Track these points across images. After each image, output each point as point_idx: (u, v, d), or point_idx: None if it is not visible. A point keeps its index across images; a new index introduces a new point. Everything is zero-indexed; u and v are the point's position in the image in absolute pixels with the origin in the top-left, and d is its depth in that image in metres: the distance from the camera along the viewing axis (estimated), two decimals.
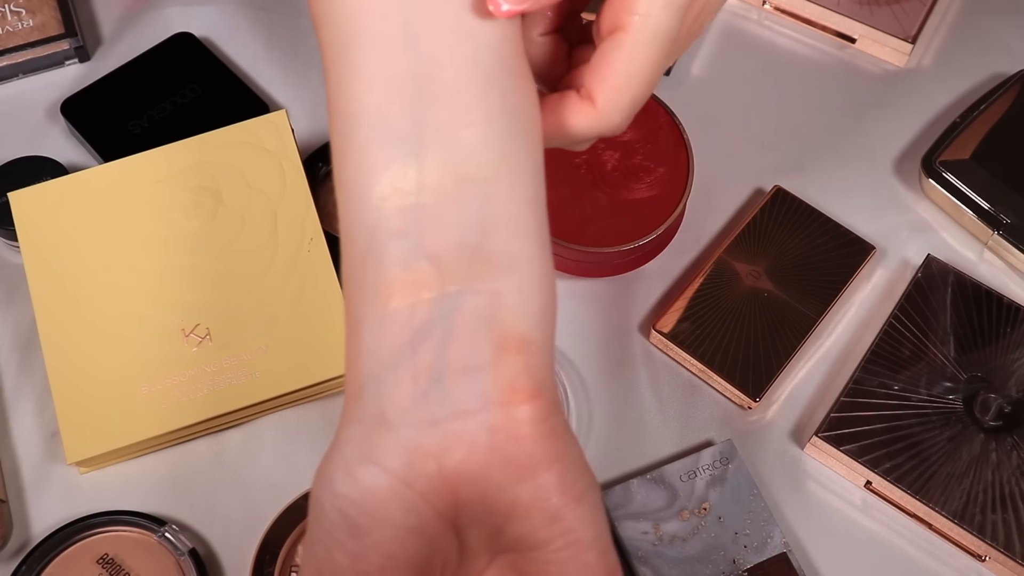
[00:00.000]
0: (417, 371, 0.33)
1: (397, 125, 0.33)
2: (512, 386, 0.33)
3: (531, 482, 0.33)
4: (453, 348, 0.33)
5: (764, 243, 0.59)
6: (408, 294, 0.33)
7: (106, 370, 0.53)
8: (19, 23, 0.66)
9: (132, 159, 0.58)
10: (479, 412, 0.33)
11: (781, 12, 0.69)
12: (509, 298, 0.33)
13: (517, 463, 0.33)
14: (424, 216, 0.33)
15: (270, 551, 0.50)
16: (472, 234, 0.33)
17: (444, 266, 0.33)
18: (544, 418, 0.33)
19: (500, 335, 0.33)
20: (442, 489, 0.33)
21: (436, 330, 0.33)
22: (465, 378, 0.33)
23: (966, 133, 0.62)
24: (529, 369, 0.33)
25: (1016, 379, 0.55)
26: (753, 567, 0.50)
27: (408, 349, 0.33)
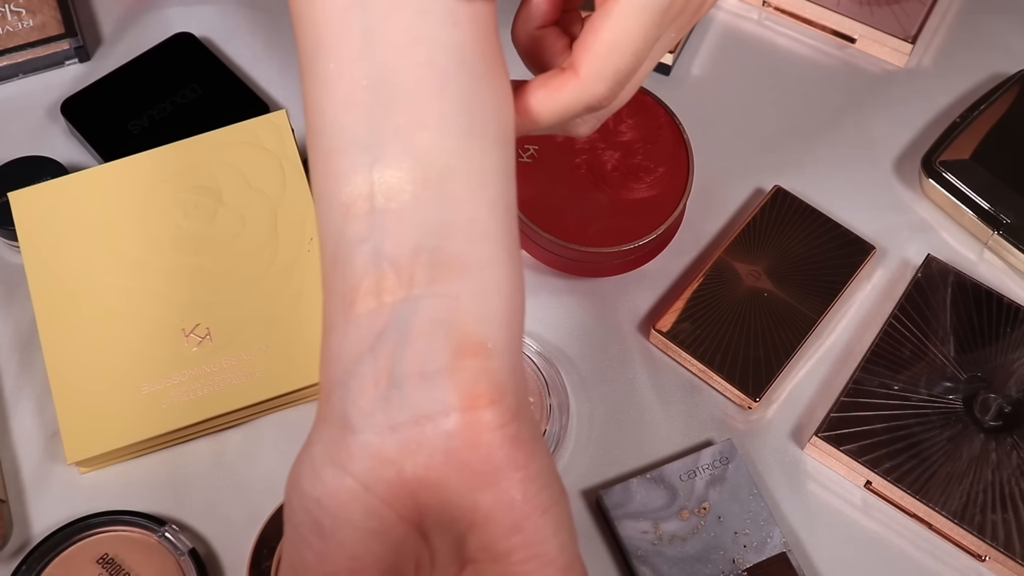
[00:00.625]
0: (378, 376, 0.33)
1: (356, 133, 0.34)
2: (470, 391, 0.33)
3: (491, 489, 0.33)
4: (410, 353, 0.33)
5: (764, 243, 0.59)
6: (370, 299, 0.33)
7: (106, 370, 0.53)
8: (19, 23, 0.66)
9: (132, 159, 0.58)
10: (436, 417, 0.33)
11: (781, 12, 0.69)
12: (467, 301, 0.33)
13: (475, 469, 0.33)
14: (383, 221, 0.33)
15: (267, 546, 0.50)
16: (431, 237, 0.33)
17: (403, 271, 0.33)
18: (504, 424, 0.33)
19: (458, 340, 0.33)
20: (402, 493, 0.33)
21: (394, 335, 0.33)
22: (423, 383, 0.33)
23: (966, 133, 0.62)
24: (489, 373, 0.33)
25: (1016, 379, 0.55)
26: (753, 567, 0.50)
27: (369, 354, 0.33)
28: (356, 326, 0.34)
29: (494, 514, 0.33)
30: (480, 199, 0.34)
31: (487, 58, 0.35)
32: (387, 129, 0.34)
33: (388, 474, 0.33)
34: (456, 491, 0.33)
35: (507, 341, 0.34)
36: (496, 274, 0.34)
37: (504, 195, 0.35)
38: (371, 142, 0.34)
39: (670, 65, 0.66)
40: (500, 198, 0.35)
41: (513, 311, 0.34)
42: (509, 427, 0.33)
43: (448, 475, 0.33)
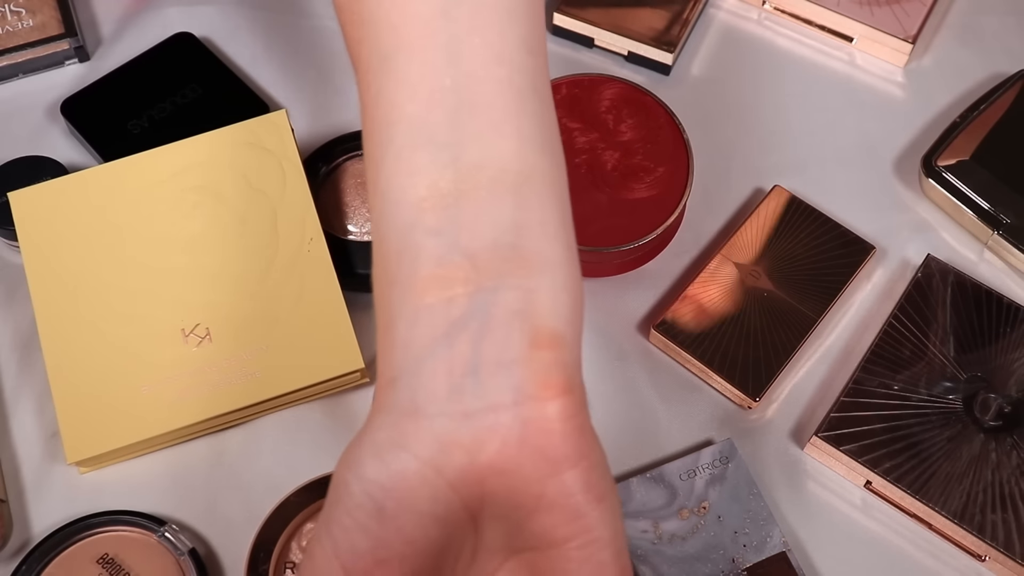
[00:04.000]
0: (452, 363, 0.34)
1: (437, 131, 0.35)
2: (545, 381, 0.34)
3: (558, 477, 0.34)
4: (488, 341, 0.34)
5: (764, 243, 0.59)
6: (444, 288, 0.34)
7: (106, 370, 0.53)
8: (19, 23, 0.66)
9: (132, 159, 0.58)
10: (513, 405, 0.33)
11: (781, 12, 0.70)
12: (542, 296, 0.34)
13: (547, 457, 0.34)
14: (460, 216, 0.35)
15: (264, 548, 0.50)
16: (507, 234, 0.34)
17: (480, 263, 0.34)
18: (574, 414, 0.34)
19: (534, 331, 0.34)
20: (471, 480, 0.34)
21: (472, 323, 0.34)
22: (500, 371, 0.33)
23: (966, 133, 0.62)
24: (561, 365, 0.34)
25: (1016, 379, 0.55)
26: (752, 566, 0.50)
27: (444, 341, 0.34)
28: (429, 314, 0.34)
29: (560, 500, 0.34)
30: (549, 205, 0.36)
31: (548, 87, 0.38)
32: (468, 132, 0.35)
33: (460, 460, 0.34)
34: (526, 478, 0.34)
35: (575, 336, 0.35)
36: (565, 272, 0.35)
37: (566, 205, 0.37)
38: (452, 141, 0.35)
39: (670, 65, 0.66)
40: (564, 206, 0.36)
41: (579, 308, 0.36)
42: (578, 417, 0.34)
43: (521, 462, 0.34)
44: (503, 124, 0.36)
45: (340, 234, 0.59)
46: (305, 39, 0.68)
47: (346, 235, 0.59)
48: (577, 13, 0.67)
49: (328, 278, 0.55)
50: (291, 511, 0.51)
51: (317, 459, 0.53)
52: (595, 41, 0.68)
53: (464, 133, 0.35)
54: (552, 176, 0.36)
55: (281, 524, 0.51)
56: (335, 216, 0.59)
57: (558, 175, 0.37)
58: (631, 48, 0.66)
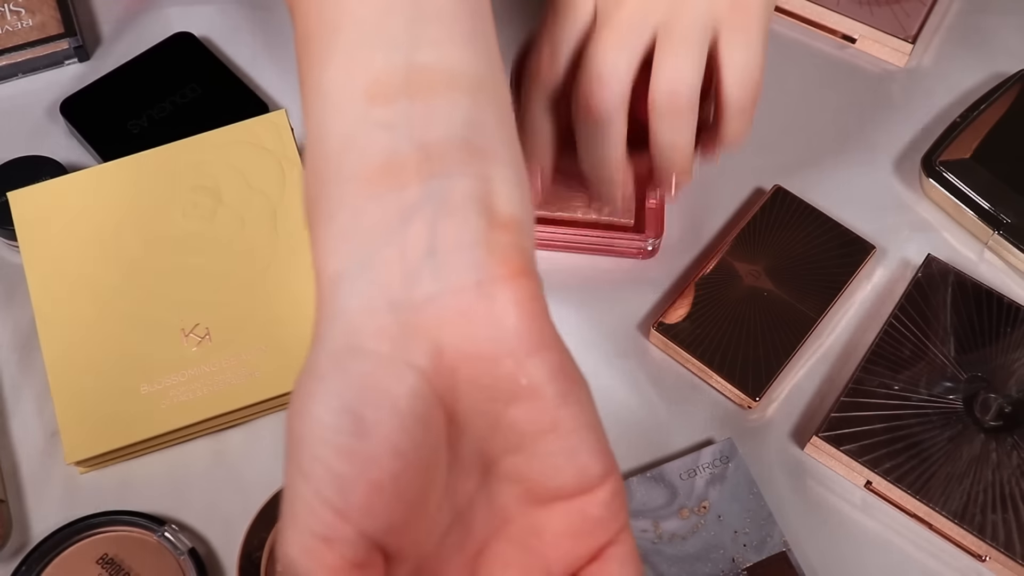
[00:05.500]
0: (406, 248, 0.32)
1: (393, 35, 0.34)
2: (506, 260, 0.32)
3: (539, 357, 0.32)
4: (446, 224, 0.32)
5: (764, 242, 0.59)
6: (395, 176, 0.33)
7: (106, 370, 0.53)
8: (19, 23, 0.66)
9: (132, 159, 0.58)
10: (475, 286, 0.32)
11: (781, 12, 0.69)
12: (498, 184, 0.33)
13: (523, 336, 0.32)
14: (413, 111, 0.33)
15: (257, 537, 0.50)
16: (462, 129, 0.33)
17: (433, 153, 0.33)
18: (538, 297, 0.33)
19: (491, 214, 0.33)
20: (444, 369, 0.32)
21: (427, 207, 0.32)
22: (459, 252, 0.32)
23: (966, 133, 0.62)
24: (521, 248, 0.33)
25: (1016, 379, 0.55)
26: (752, 566, 0.50)
27: (397, 226, 0.32)
28: (379, 202, 0.32)
29: (544, 383, 0.32)
30: (502, 111, 0.35)
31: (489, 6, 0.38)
32: (423, 37, 0.34)
33: (427, 347, 0.31)
34: (497, 362, 0.32)
35: (530, 226, 0.34)
36: (517, 169, 0.34)
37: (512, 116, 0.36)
38: (406, 44, 0.34)
39: None
40: (511, 116, 0.36)
41: (530, 205, 0.35)
42: (541, 302, 0.33)
43: (491, 345, 0.32)
44: (456, 33, 0.35)
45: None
46: None
47: None
48: None
49: None
50: None
51: None
52: None
53: (419, 37, 0.34)
54: (502, 89, 0.36)
55: (276, 513, 0.51)
56: None
57: (505, 91, 0.36)
58: None
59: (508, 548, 0.34)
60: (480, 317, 0.31)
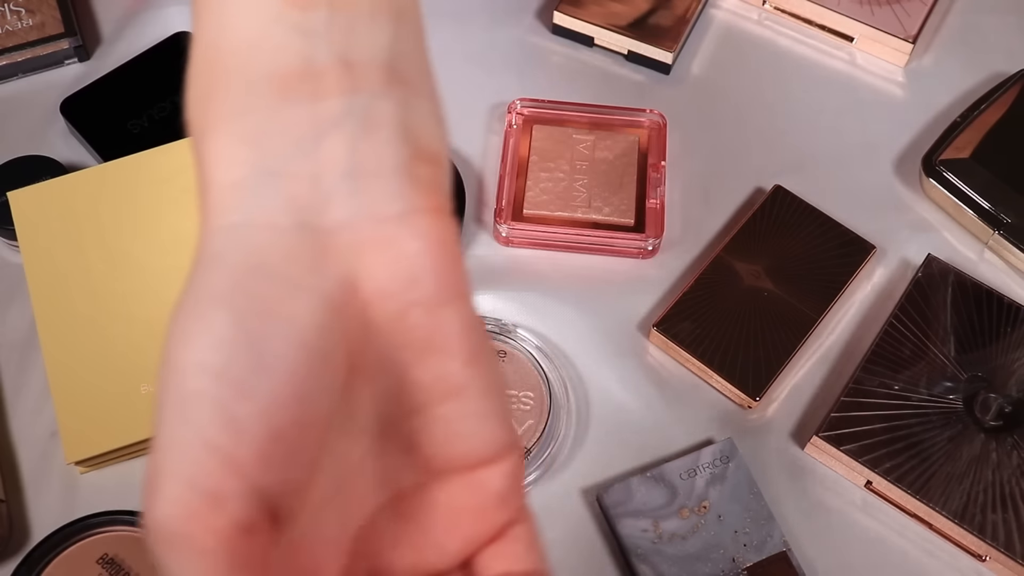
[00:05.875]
0: (321, 164, 0.28)
1: None
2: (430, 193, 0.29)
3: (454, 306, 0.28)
4: (368, 144, 0.28)
5: (764, 242, 0.59)
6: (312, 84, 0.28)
7: (106, 370, 0.53)
8: (19, 22, 0.66)
9: (132, 159, 0.58)
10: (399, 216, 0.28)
11: (781, 12, 0.69)
12: (419, 115, 0.30)
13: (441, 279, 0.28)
14: (335, 23, 0.29)
15: None
16: (384, 53, 0.30)
17: (356, 70, 0.29)
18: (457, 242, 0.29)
19: (415, 144, 0.29)
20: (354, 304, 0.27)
21: (348, 123, 0.28)
22: (381, 178, 0.28)
23: (966, 133, 0.62)
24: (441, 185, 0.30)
25: (1016, 379, 0.55)
26: (752, 566, 0.50)
27: (311, 139, 0.28)
28: (293, 109, 0.28)
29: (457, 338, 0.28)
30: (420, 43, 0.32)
31: None
32: None
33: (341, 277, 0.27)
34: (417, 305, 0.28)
35: (447, 170, 0.31)
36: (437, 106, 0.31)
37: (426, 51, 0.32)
38: None
39: (670, 64, 0.66)
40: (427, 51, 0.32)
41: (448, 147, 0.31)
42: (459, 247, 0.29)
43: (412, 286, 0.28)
44: None
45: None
46: None
47: None
48: (577, 12, 0.67)
49: None
50: None
51: None
52: (595, 40, 0.67)
53: None
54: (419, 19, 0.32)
55: None
56: None
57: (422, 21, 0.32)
58: (631, 47, 0.66)
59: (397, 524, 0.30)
60: (399, 251, 0.28)
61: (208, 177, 0.28)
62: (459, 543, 0.30)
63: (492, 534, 0.30)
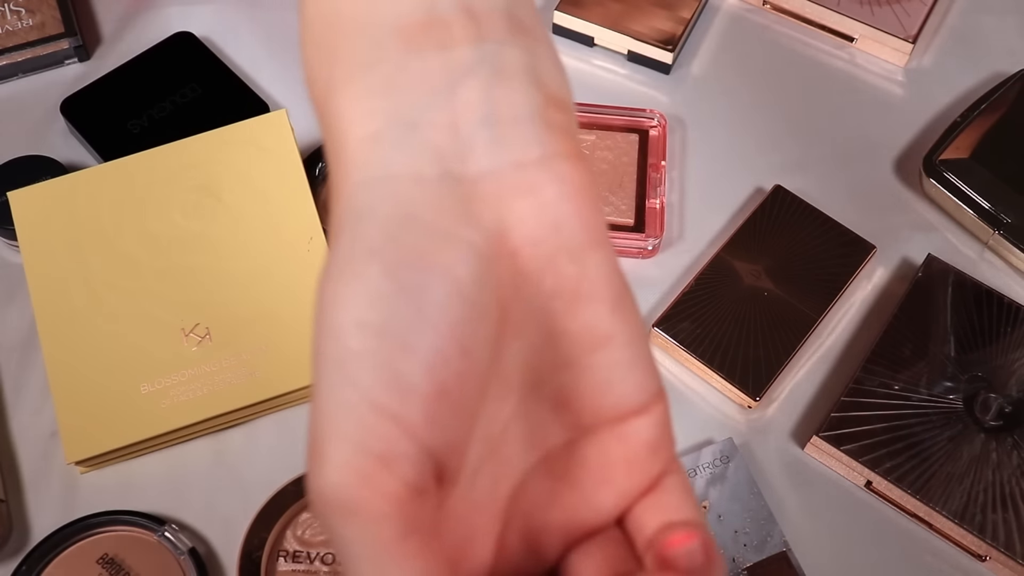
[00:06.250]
0: (458, 113, 0.27)
1: None
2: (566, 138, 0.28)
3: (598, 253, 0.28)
4: (502, 91, 0.28)
5: (764, 242, 0.59)
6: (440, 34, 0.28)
7: (106, 370, 0.53)
8: (19, 22, 0.66)
9: (132, 159, 0.58)
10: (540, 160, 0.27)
11: (781, 12, 0.69)
12: (546, 63, 0.29)
13: (585, 225, 0.27)
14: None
15: (258, 536, 0.50)
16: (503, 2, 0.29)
17: (480, 17, 0.28)
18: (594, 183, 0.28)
19: (546, 91, 0.28)
20: (503, 253, 0.27)
21: (480, 71, 0.28)
22: (519, 124, 0.27)
23: (966, 133, 0.62)
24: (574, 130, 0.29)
25: (1016, 379, 0.55)
26: (752, 566, 0.50)
27: (445, 89, 0.27)
28: (424, 59, 0.28)
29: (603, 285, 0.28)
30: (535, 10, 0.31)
31: None
32: None
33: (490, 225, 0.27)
34: (565, 252, 0.27)
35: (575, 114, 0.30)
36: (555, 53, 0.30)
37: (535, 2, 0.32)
38: None
39: (670, 64, 0.66)
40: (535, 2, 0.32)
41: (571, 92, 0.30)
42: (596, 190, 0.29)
43: (558, 232, 0.27)
44: None
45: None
46: None
47: None
48: (577, 12, 0.67)
49: None
50: (287, 500, 0.51)
51: None
52: (595, 40, 0.67)
53: None
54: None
55: (277, 512, 0.51)
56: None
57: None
58: (631, 47, 0.66)
59: (549, 484, 0.29)
60: (544, 198, 0.27)
61: (342, 133, 0.28)
62: (613, 498, 0.28)
63: (645, 486, 0.28)
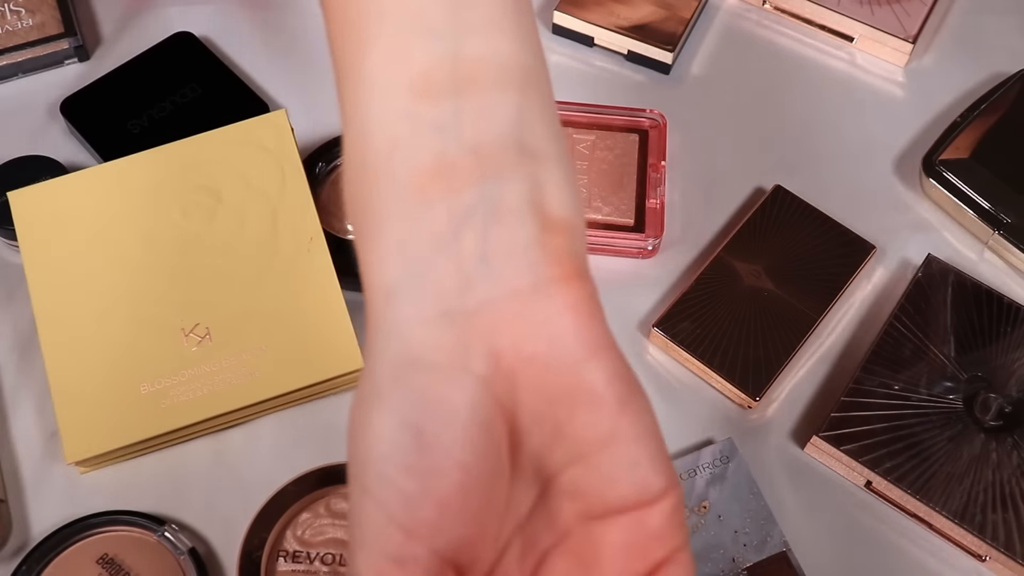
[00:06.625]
0: (461, 256, 0.31)
1: (435, 21, 0.33)
2: (560, 262, 0.31)
3: (597, 361, 0.31)
4: (499, 228, 0.31)
5: (764, 242, 0.59)
6: (446, 182, 0.31)
7: (106, 370, 0.53)
8: (19, 22, 0.66)
9: (132, 159, 0.58)
10: (531, 288, 0.31)
11: (781, 12, 0.69)
12: (550, 187, 0.32)
13: (581, 339, 0.31)
14: (462, 108, 0.32)
15: (258, 537, 0.50)
16: (512, 129, 0.32)
17: (485, 156, 0.32)
18: (593, 296, 0.32)
19: (545, 217, 0.32)
20: (502, 372, 0.31)
21: (479, 213, 0.31)
22: (513, 255, 0.31)
23: (966, 132, 0.62)
24: (573, 252, 0.32)
25: (1016, 379, 0.55)
26: (752, 566, 0.50)
27: (450, 237, 0.31)
28: (430, 210, 0.31)
29: (603, 388, 0.31)
30: (548, 104, 0.34)
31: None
32: (468, 24, 0.33)
33: (484, 351, 0.31)
34: (555, 364, 0.31)
35: (582, 229, 0.33)
36: (568, 169, 0.33)
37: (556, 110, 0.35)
38: (451, 32, 0.33)
39: (670, 64, 0.66)
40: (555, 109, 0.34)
41: (581, 206, 0.34)
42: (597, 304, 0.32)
43: (548, 347, 0.31)
44: (502, 19, 0.33)
45: (340, 234, 0.58)
46: (305, 39, 0.68)
47: (346, 235, 0.59)
48: (577, 12, 0.67)
49: (328, 278, 0.55)
50: (287, 500, 0.51)
51: (317, 459, 0.53)
52: (595, 40, 0.67)
53: (464, 25, 0.33)
54: (545, 77, 0.34)
55: (277, 513, 0.51)
56: (335, 216, 0.59)
57: (546, 73, 0.35)
58: (631, 47, 0.66)
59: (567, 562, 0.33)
60: (536, 319, 0.31)
61: (367, 282, 0.33)
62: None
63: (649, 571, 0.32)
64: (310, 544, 0.51)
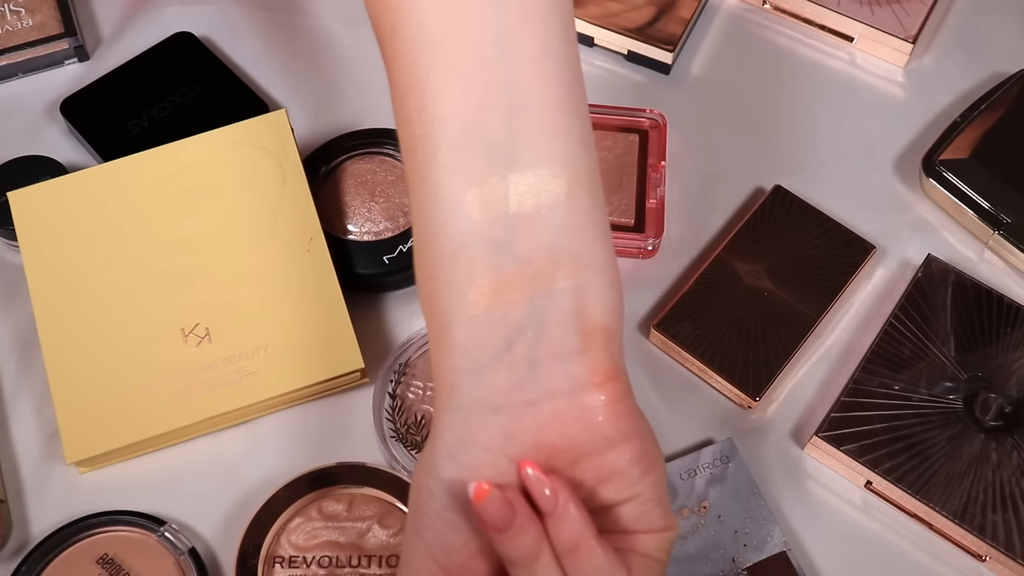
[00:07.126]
0: (513, 362, 0.37)
1: (492, 135, 0.36)
2: (596, 369, 0.37)
3: (621, 448, 0.37)
4: (545, 341, 0.37)
5: (764, 242, 0.59)
6: (501, 295, 0.36)
7: (106, 370, 0.53)
8: (19, 22, 0.66)
9: (132, 159, 0.58)
10: (569, 392, 0.37)
11: (781, 12, 0.69)
12: (592, 295, 0.37)
13: (606, 433, 0.37)
14: (516, 225, 0.36)
15: (252, 544, 0.50)
16: (559, 239, 0.36)
17: (534, 268, 0.36)
18: (622, 397, 0.37)
19: (586, 327, 0.37)
20: (537, 459, 0.37)
21: (529, 327, 0.37)
22: (557, 364, 0.37)
23: (966, 133, 0.62)
24: (610, 355, 0.37)
25: (1016, 379, 0.55)
26: (752, 566, 0.50)
27: (503, 345, 0.37)
28: (488, 320, 0.37)
29: (627, 467, 0.37)
30: (596, 206, 0.38)
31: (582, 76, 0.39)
32: (522, 135, 0.36)
33: (526, 444, 0.37)
34: (588, 452, 0.37)
35: (620, 328, 0.38)
36: (610, 272, 0.38)
37: (603, 200, 0.38)
38: (507, 146, 0.36)
39: (670, 64, 0.66)
40: (603, 203, 0.38)
41: (622, 303, 0.38)
42: (626, 400, 0.38)
43: (580, 441, 0.37)
44: (555, 126, 0.37)
45: (340, 234, 0.58)
46: (305, 39, 0.68)
47: (346, 235, 0.59)
48: (577, 12, 0.67)
49: (328, 278, 0.55)
50: (280, 506, 0.51)
51: (317, 459, 0.53)
52: (595, 40, 0.67)
53: (518, 136, 0.36)
54: (594, 172, 0.38)
55: (270, 519, 0.51)
56: (335, 216, 0.59)
57: (596, 170, 0.38)
58: (631, 47, 0.66)
59: None
60: (572, 419, 0.37)
61: (436, 367, 0.38)
62: None
63: None
64: (305, 548, 0.51)
